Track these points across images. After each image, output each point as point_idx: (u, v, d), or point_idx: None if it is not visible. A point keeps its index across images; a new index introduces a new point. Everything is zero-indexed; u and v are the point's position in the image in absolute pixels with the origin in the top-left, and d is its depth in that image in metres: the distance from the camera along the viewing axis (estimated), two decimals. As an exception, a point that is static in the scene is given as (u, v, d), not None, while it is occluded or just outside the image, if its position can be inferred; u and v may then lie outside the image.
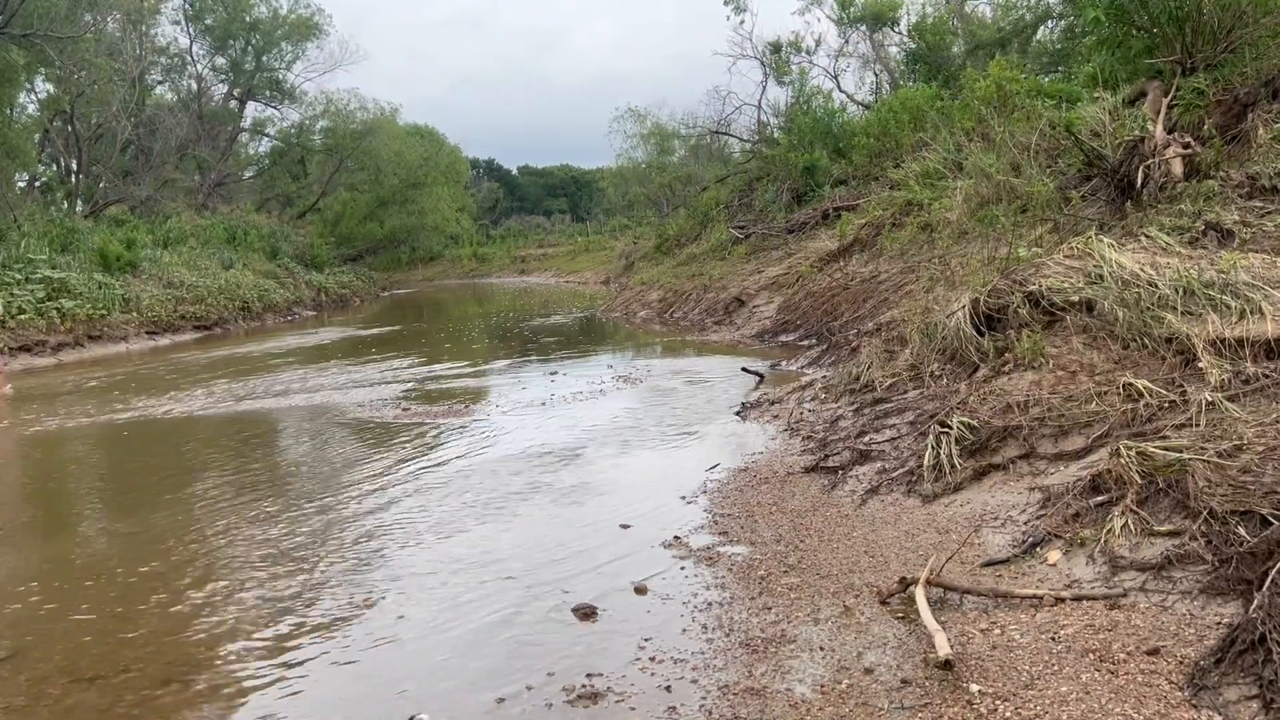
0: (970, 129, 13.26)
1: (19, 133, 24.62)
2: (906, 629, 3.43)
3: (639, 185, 35.95)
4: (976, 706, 2.83)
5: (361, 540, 4.98)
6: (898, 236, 12.51)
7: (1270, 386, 4.39)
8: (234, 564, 4.68)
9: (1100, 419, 4.71)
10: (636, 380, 9.97)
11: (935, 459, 5.05)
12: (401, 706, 3.15)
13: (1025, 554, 3.97)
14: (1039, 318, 5.96)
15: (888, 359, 7.38)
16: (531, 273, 44.52)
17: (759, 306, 14.70)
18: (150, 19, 32.93)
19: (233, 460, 7.13)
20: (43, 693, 3.38)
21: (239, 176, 40.53)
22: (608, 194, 50.70)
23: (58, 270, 17.79)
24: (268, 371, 12.74)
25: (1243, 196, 7.09)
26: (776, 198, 20.30)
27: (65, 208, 28.00)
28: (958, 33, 25.01)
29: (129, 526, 5.47)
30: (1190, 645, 3.01)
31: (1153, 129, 8.31)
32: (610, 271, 31.09)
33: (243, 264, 25.25)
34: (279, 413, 9.44)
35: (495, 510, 5.43)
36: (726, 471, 5.96)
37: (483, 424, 8.05)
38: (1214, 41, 9.24)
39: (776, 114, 25.78)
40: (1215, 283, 5.34)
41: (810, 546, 4.44)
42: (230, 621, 3.97)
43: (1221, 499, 3.55)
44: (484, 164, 77.75)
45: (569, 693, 3.16)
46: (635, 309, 19.24)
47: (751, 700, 3.02)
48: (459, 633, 3.76)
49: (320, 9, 38.89)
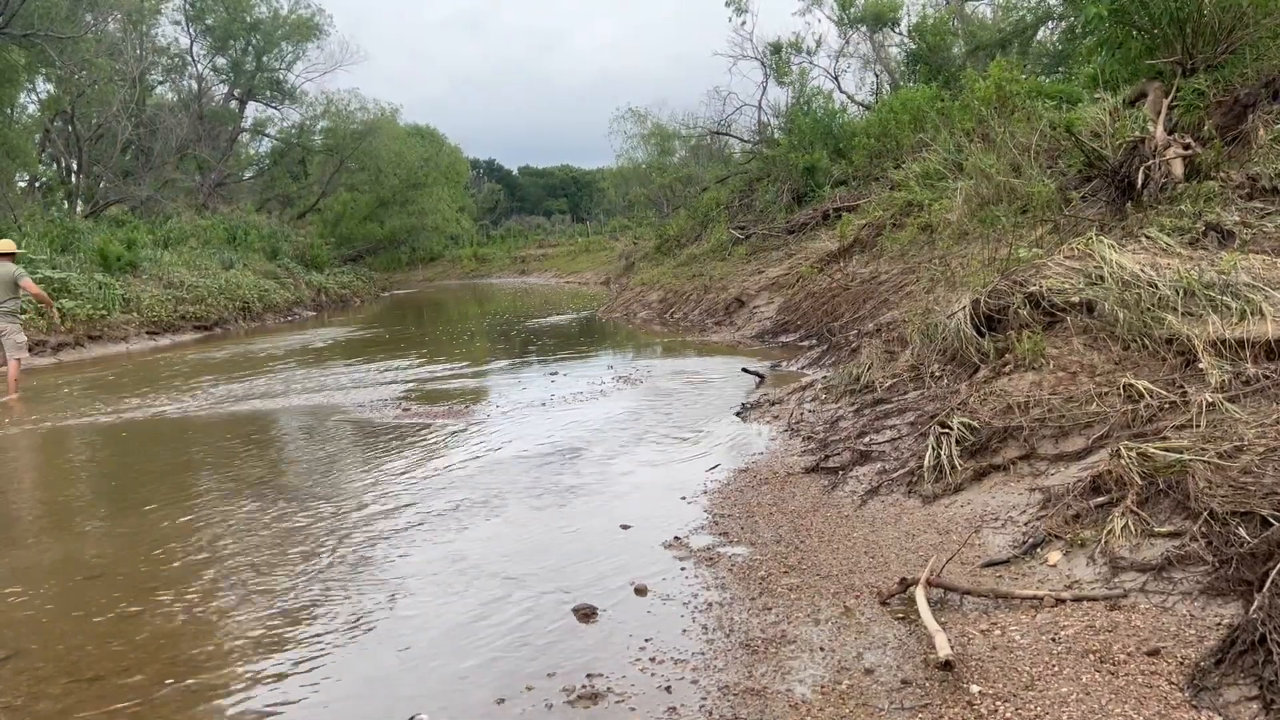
0: (970, 129, 13.26)
1: (19, 133, 24.64)
2: (907, 630, 3.43)
3: (639, 186, 35.98)
4: (977, 707, 2.83)
5: (361, 540, 4.98)
6: (898, 237, 12.51)
7: (1271, 387, 4.39)
8: (233, 564, 4.68)
9: (1101, 420, 4.71)
10: (637, 381, 9.97)
11: (935, 459, 5.05)
12: (401, 706, 3.15)
13: (1025, 555, 3.96)
14: (1039, 318, 5.96)
15: (888, 359, 7.38)
16: (531, 273, 44.52)
17: (759, 307, 14.70)
18: (151, 19, 32.96)
19: (232, 460, 7.13)
20: (42, 692, 3.38)
21: (239, 177, 40.56)
22: (608, 194, 50.74)
23: (58, 270, 17.78)
24: (268, 372, 12.74)
25: (1243, 197, 7.10)
26: (777, 198, 20.30)
27: (65, 208, 28.02)
28: (958, 33, 25.02)
29: (128, 526, 5.46)
30: (1190, 646, 3.01)
31: (1153, 130, 8.32)
32: (610, 272, 31.10)
33: (243, 264, 25.24)
34: (279, 413, 9.44)
35: (495, 510, 5.43)
36: (727, 472, 5.96)
37: (483, 424, 8.05)
38: (1214, 42, 9.24)
39: (777, 114, 25.80)
40: (1215, 283, 5.34)
41: (810, 547, 4.44)
42: (230, 621, 3.97)
43: (1222, 500, 3.55)
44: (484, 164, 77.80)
45: (569, 693, 3.16)
46: (635, 309, 19.24)
47: (752, 701, 3.02)
48: (458, 632, 3.76)
49: (321, 9, 38.98)
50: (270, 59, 38.24)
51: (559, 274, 40.91)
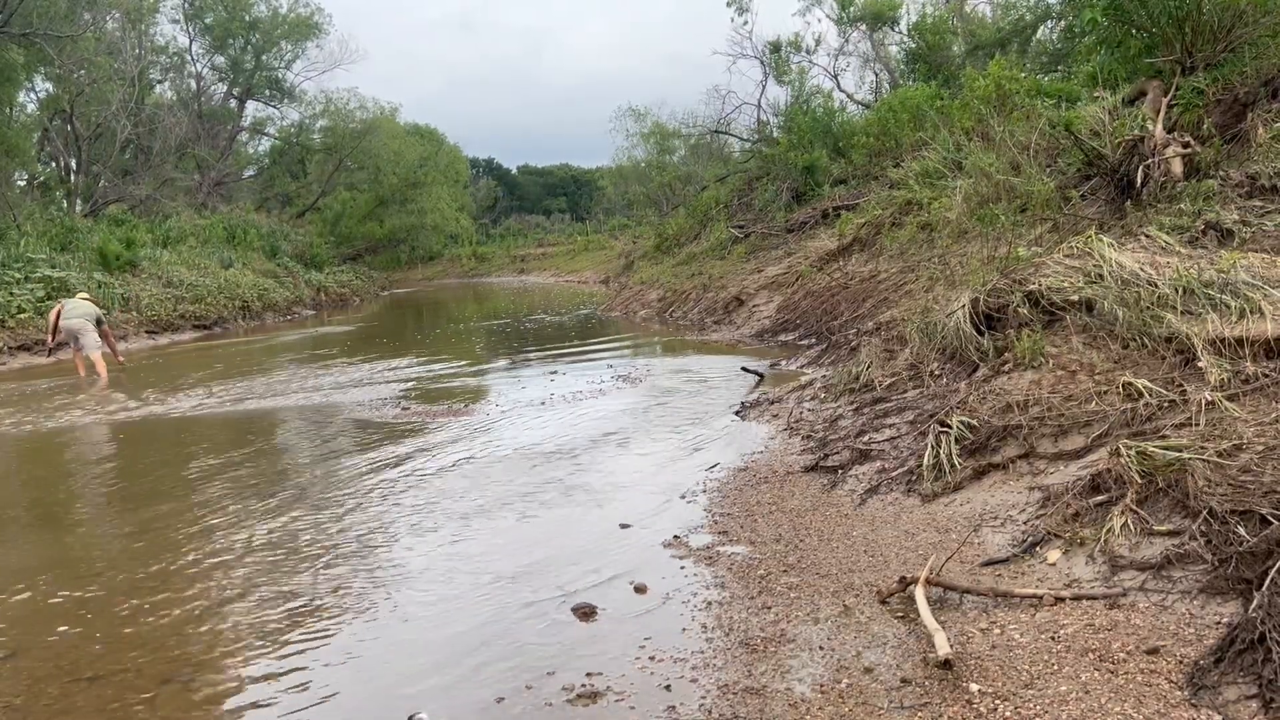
0: (970, 128, 13.27)
1: (18, 132, 24.62)
2: (906, 628, 3.43)
3: (639, 184, 35.99)
4: (976, 706, 2.83)
5: (360, 540, 4.98)
6: (897, 236, 12.51)
7: (1270, 386, 4.39)
8: (233, 563, 4.68)
9: (1100, 418, 4.71)
10: (636, 380, 9.97)
11: (935, 458, 5.05)
12: (400, 705, 3.15)
13: (1025, 553, 3.96)
14: (1039, 317, 5.96)
15: (887, 358, 7.38)
16: (531, 272, 44.52)
17: (758, 306, 14.70)
18: (149, 18, 32.94)
19: (231, 460, 7.13)
20: (42, 692, 3.38)
21: (239, 176, 40.56)
22: (607, 193, 50.74)
23: (57, 269, 17.81)
24: (267, 371, 12.73)
25: (1242, 196, 7.10)
26: (776, 197, 20.30)
27: (65, 207, 28.02)
28: (957, 32, 25.03)
29: (128, 525, 5.46)
30: (1190, 645, 3.01)
31: (1152, 128, 8.32)
32: (610, 271, 31.08)
33: (242, 263, 25.26)
34: (278, 412, 9.43)
35: (494, 509, 5.43)
36: (726, 471, 5.96)
37: (482, 423, 8.05)
38: (1214, 41, 9.24)
39: (776, 113, 25.81)
40: (1215, 282, 5.33)
41: (810, 546, 4.44)
42: (230, 621, 3.97)
43: (1221, 498, 3.55)
44: (484, 163, 77.79)
45: (569, 691, 3.16)
46: (635, 308, 19.24)
47: (751, 699, 3.02)
48: (458, 631, 3.76)
49: (320, 8, 39.01)
50: (269, 58, 38.26)
51: (558, 273, 40.91)
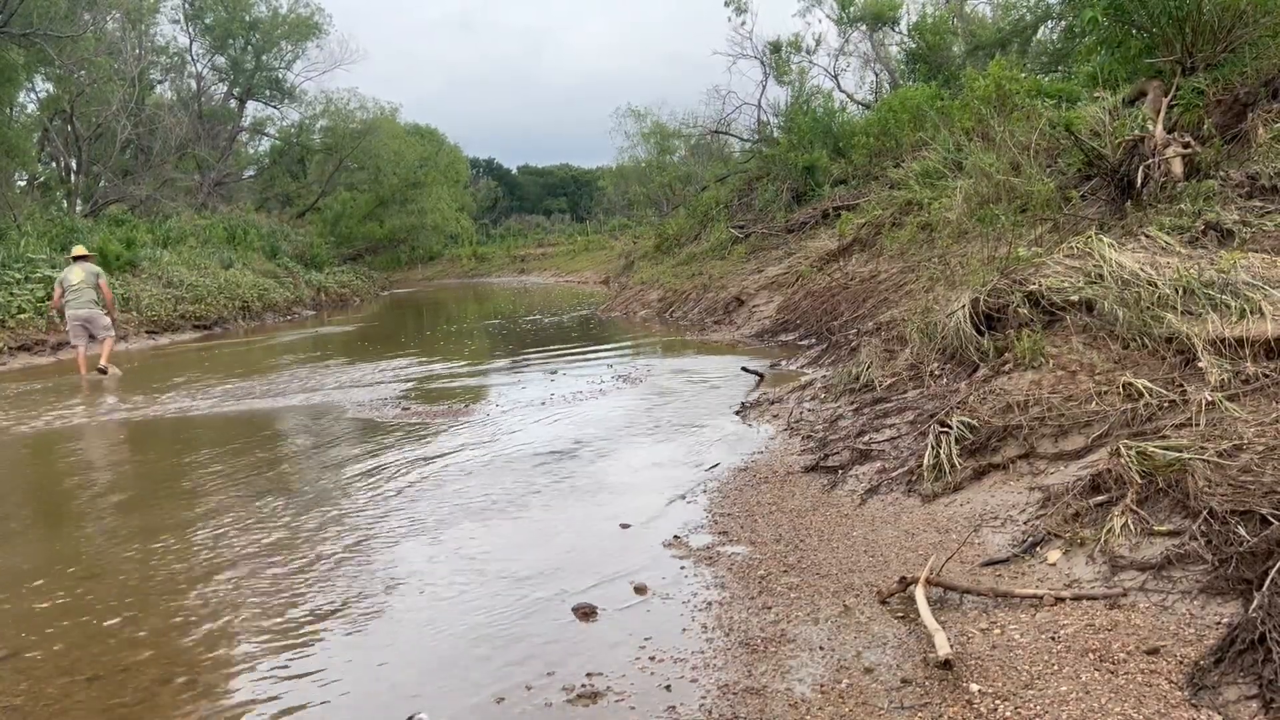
0: (970, 129, 13.26)
1: (19, 132, 24.63)
2: (906, 628, 3.43)
3: (639, 184, 36.00)
4: (976, 706, 2.83)
5: (360, 540, 4.98)
6: (897, 236, 12.51)
7: (1270, 386, 4.38)
8: (233, 563, 4.68)
9: (1100, 418, 4.71)
10: (636, 380, 9.97)
11: (935, 458, 5.05)
12: (400, 705, 3.15)
13: (1025, 554, 3.96)
14: (1039, 317, 5.97)
15: (887, 358, 7.38)
16: (531, 272, 44.53)
17: (759, 306, 14.70)
18: (150, 18, 32.95)
19: (231, 460, 7.12)
20: (42, 692, 3.38)
21: (239, 176, 40.57)
22: (607, 193, 50.74)
23: (56, 269, 17.76)
24: (267, 371, 12.73)
25: (1242, 196, 7.10)
26: (776, 197, 20.30)
27: (65, 207, 28.02)
28: (958, 32, 25.03)
29: (128, 525, 5.46)
30: (1190, 645, 3.01)
31: (1153, 129, 8.32)
32: (610, 271, 31.07)
33: (242, 263, 25.25)
34: (278, 412, 9.43)
35: (494, 509, 5.43)
36: (726, 471, 5.95)
37: (482, 423, 8.05)
38: (1214, 41, 9.24)
39: (776, 113, 25.81)
40: (1215, 282, 5.33)
41: (810, 546, 4.44)
42: (230, 621, 3.97)
43: (1221, 498, 3.55)
44: (484, 163, 77.79)
45: (569, 691, 3.16)
46: (635, 308, 19.24)
47: (751, 700, 3.02)
48: (457, 631, 3.76)
49: (320, 8, 39.00)
50: (269, 58, 38.25)
51: (558, 273, 40.90)
